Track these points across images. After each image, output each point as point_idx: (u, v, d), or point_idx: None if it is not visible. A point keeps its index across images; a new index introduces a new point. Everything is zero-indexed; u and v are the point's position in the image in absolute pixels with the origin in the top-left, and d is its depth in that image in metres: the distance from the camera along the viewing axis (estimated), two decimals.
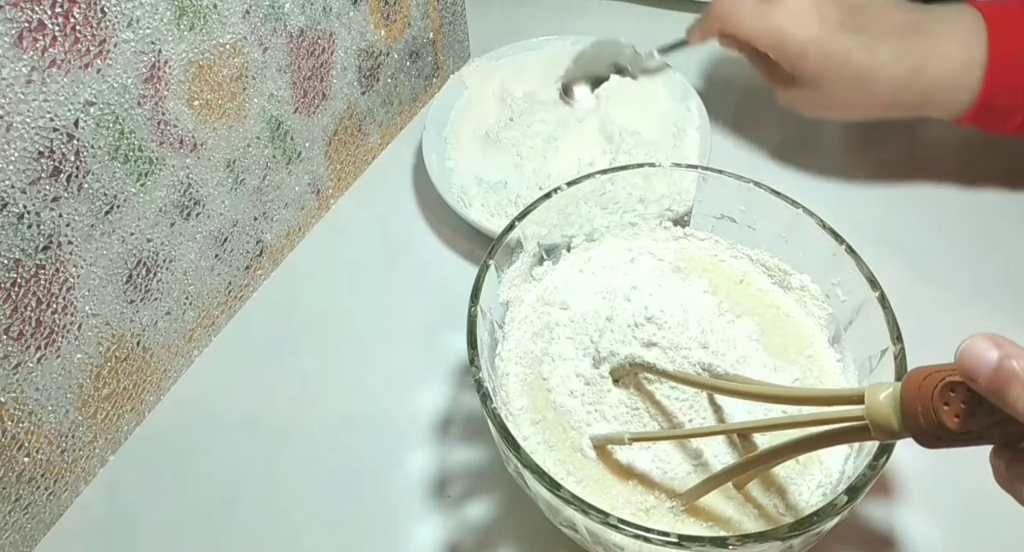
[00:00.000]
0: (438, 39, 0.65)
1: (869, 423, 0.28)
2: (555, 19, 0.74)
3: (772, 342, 0.43)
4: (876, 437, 0.28)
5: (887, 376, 0.37)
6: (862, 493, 0.33)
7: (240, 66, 0.46)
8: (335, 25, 0.52)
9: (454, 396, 0.49)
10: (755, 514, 0.37)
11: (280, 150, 0.52)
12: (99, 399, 0.44)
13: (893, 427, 0.27)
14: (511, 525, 0.43)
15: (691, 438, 0.39)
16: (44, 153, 0.36)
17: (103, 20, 0.36)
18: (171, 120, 0.42)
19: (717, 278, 0.46)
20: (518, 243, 0.45)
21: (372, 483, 0.46)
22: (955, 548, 0.42)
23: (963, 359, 0.25)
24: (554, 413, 0.41)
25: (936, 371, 0.26)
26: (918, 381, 0.26)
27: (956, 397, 0.25)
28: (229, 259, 0.51)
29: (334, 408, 0.49)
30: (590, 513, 0.33)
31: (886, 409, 0.27)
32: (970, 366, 0.24)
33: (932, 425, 0.26)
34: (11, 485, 0.41)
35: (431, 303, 0.53)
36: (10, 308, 0.37)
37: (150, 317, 0.46)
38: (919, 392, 0.26)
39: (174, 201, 0.45)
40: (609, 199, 0.47)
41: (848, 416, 0.30)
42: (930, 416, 0.26)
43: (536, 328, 0.45)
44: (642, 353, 0.39)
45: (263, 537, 0.44)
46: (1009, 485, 0.26)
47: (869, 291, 0.40)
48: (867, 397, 0.28)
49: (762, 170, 0.60)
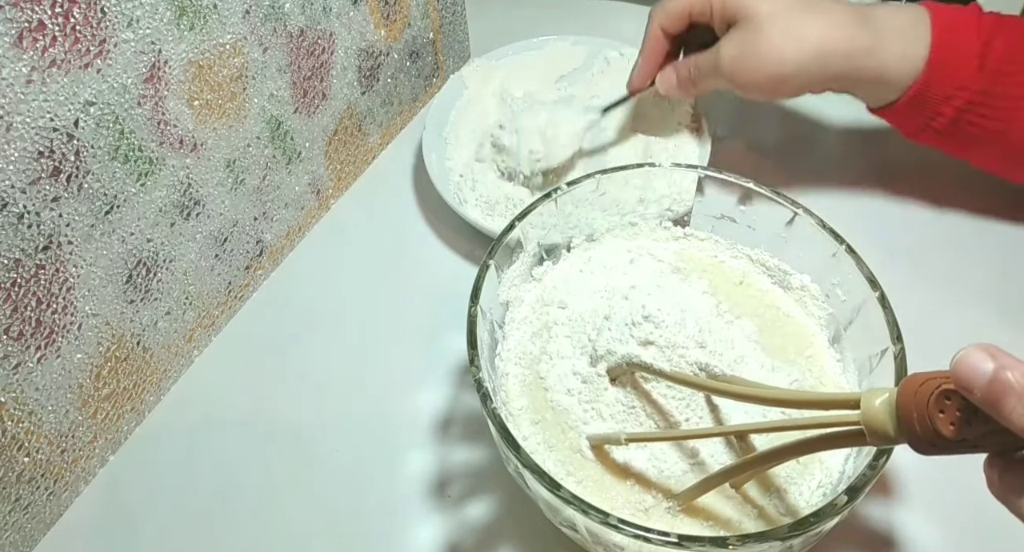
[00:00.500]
0: (438, 39, 0.65)
1: (865, 429, 0.28)
2: (555, 19, 0.74)
3: (771, 342, 0.43)
4: (872, 443, 0.28)
5: (887, 376, 0.37)
6: (862, 493, 0.33)
7: (240, 66, 0.46)
8: (335, 25, 0.52)
9: (454, 396, 0.49)
10: (755, 514, 0.37)
11: (280, 150, 0.52)
12: (99, 399, 0.44)
13: (888, 433, 0.27)
14: (511, 525, 0.43)
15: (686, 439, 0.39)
16: (44, 153, 0.36)
17: (103, 20, 0.36)
18: (171, 120, 0.42)
19: (717, 279, 0.46)
20: (518, 243, 0.45)
21: (372, 483, 0.46)
22: (955, 548, 0.42)
23: (958, 370, 0.24)
24: (553, 413, 0.41)
25: (932, 378, 0.26)
26: (914, 388, 0.26)
27: (952, 405, 0.25)
28: (229, 259, 0.51)
29: (334, 408, 0.49)
30: (590, 513, 0.33)
31: (882, 415, 0.27)
32: (965, 377, 0.24)
33: (927, 432, 0.26)
34: (11, 485, 0.41)
35: (431, 303, 0.53)
36: (10, 308, 0.37)
37: (150, 317, 0.46)
38: (915, 399, 0.26)
39: (174, 201, 0.45)
40: (609, 199, 0.47)
41: (844, 420, 0.30)
42: (925, 423, 0.26)
43: (535, 328, 0.45)
44: (639, 352, 0.39)
45: (263, 537, 0.44)
46: (1003, 496, 0.26)
47: (869, 291, 0.40)
48: (863, 403, 0.28)
49: (762, 170, 0.60)
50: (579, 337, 0.43)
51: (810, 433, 0.32)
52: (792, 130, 0.62)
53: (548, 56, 0.64)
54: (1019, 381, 0.23)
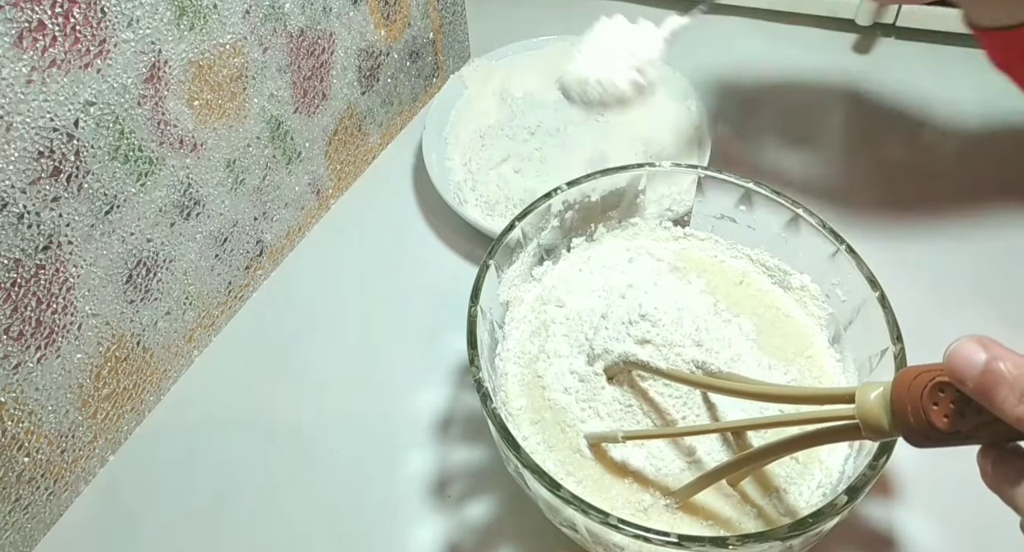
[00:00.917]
0: (438, 39, 0.65)
1: (859, 422, 0.28)
2: (555, 19, 0.74)
3: (770, 342, 0.43)
4: (867, 436, 0.29)
5: (887, 376, 0.37)
6: (862, 493, 0.33)
7: (240, 66, 0.46)
8: (335, 25, 0.52)
9: (454, 396, 0.49)
10: (755, 514, 0.37)
11: (280, 150, 0.52)
12: (99, 399, 0.44)
13: (883, 426, 0.27)
14: (511, 525, 0.43)
15: (684, 436, 0.39)
16: (44, 153, 0.36)
17: (103, 20, 0.36)
18: (171, 120, 0.42)
19: (715, 278, 0.46)
20: (518, 243, 0.45)
21: (372, 483, 0.46)
22: (955, 548, 0.42)
23: (951, 361, 0.25)
24: (551, 412, 0.41)
25: (926, 371, 0.26)
26: (908, 381, 0.26)
27: (945, 397, 0.25)
28: (229, 259, 0.51)
29: (334, 408, 0.49)
30: (590, 513, 0.33)
31: (876, 408, 0.28)
32: (958, 368, 0.24)
33: (921, 425, 0.26)
34: (11, 485, 0.41)
35: (431, 303, 0.53)
36: (10, 308, 0.37)
37: (150, 317, 0.46)
38: (909, 392, 0.26)
39: (174, 201, 0.45)
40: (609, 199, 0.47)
41: (840, 415, 0.30)
42: (919, 416, 0.26)
43: (534, 327, 0.45)
44: (636, 350, 0.39)
45: (263, 537, 0.44)
46: (995, 485, 0.26)
47: (869, 291, 0.40)
48: (858, 396, 0.28)
49: (762, 170, 0.60)
50: (576, 336, 0.43)
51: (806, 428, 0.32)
52: (792, 130, 0.62)
53: (548, 56, 0.64)
54: (1011, 371, 0.23)
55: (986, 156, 0.60)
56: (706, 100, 0.59)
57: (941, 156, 0.60)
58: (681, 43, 0.59)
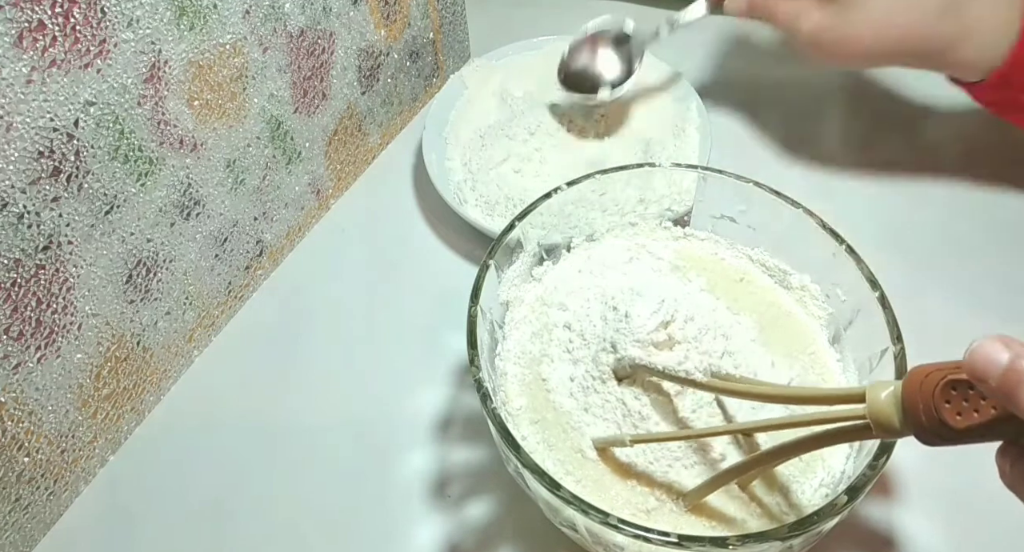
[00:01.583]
0: (438, 39, 0.65)
1: (871, 421, 0.28)
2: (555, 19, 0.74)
3: (772, 341, 0.43)
4: (878, 435, 0.29)
5: (887, 376, 0.37)
6: (862, 493, 0.33)
7: (240, 66, 0.46)
8: (335, 25, 0.52)
9: (454, 396, 0.49)
10: (757, 513, 0.37)
11: (280, 150, 0.52)
12: (99, 399, 0.44)
13: (894, 425, 0.27)
14: (511, 525, 0.43)
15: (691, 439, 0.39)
16: (44, 153, 0.36)
17: (103, 20, 0.36)
18: (171, 120, 0.42)
19: (716, 277, 0.46)
20: (518, 243, 0.45)
21: (372, 483, 0.46)
22: (955, 548, 0.42)
23: (973, 359, 0.25)
24: (554, 413, 0.41)
25: (937, 369, 0.26)
26: (919, 379, 0.26)
27: (957, 395, 0.25)
28: (229, 259, 0.51)
29: (334, 408, 0.49)
30: (590, 513, 0.33)
31: (888, 407, 0.28)
32: (981, 367, 0.24)
33: (933, 423, 0.26)
34: (11, 485, 0.41)
35: (431, 303, 0.53)
36: (10, 308, 0.37)
37: (150, 317, 0.46)
38: (920, 390, 0.26)
39: (174, 201, 0.45)
40: (609, 199, 0.47)
41: (850, 415, 0.30)
42: (931, 414, 0.26)
43: (535, 328, 0.45)
44: (640, 353, 0.39)
45: (263, 537, 0.44)
46: (1014, 485, 0.26)
47: (869, 291, 0.40)
48: (868, 395, 0.28)
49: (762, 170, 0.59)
50: (579, 339, 0.43)
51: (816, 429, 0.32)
52: (792, 129, 0.62)
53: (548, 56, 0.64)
54: None
55: (987, 156, 0.60)
56: (706, 100, 0.59)
57: (942, 156, 0.60)
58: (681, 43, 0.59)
